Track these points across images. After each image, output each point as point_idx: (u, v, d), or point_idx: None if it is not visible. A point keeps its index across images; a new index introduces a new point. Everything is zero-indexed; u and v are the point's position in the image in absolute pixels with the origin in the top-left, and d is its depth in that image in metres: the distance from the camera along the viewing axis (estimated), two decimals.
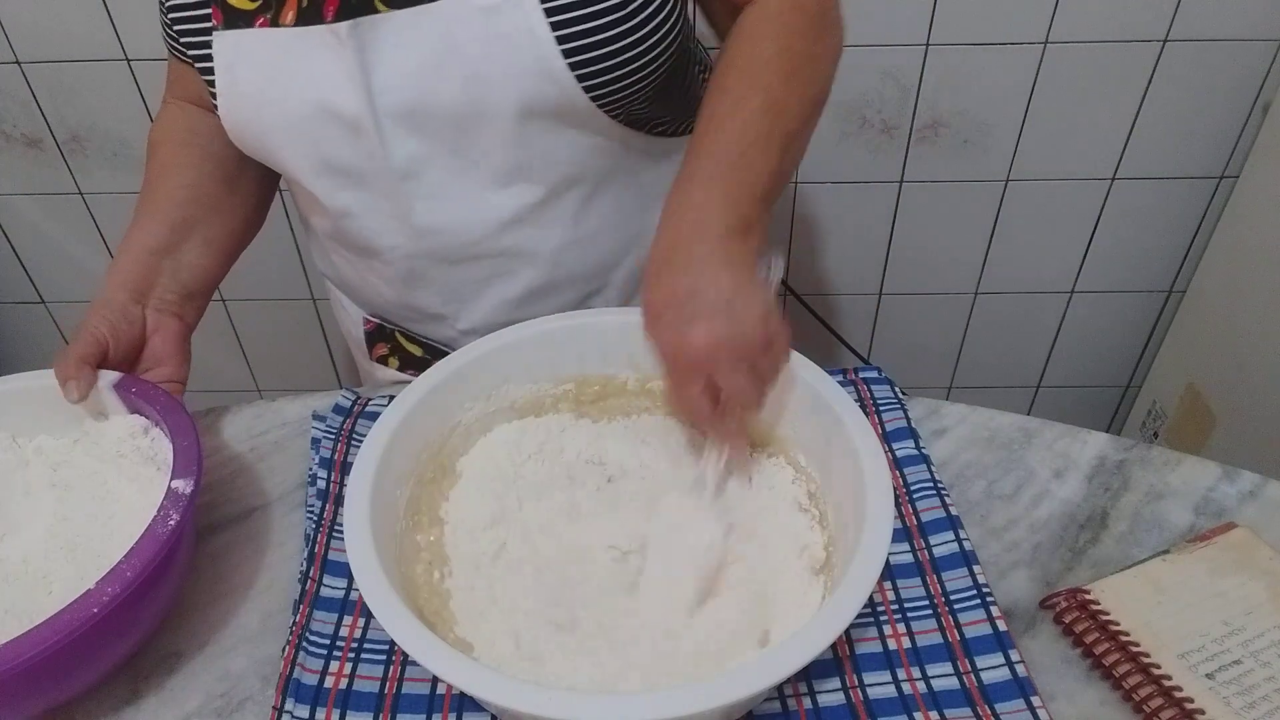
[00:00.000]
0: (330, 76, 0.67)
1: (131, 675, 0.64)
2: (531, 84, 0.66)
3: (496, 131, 0.68)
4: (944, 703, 0.59)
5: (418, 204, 0.73)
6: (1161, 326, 1.63)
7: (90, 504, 0.68)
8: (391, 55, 0.66)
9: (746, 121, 0.64)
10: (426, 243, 0.75)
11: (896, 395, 0.80)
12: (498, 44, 0.64)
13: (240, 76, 0.70)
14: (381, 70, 0.66)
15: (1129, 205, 1.48)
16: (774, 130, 0.64)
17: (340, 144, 0.70)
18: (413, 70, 0.66)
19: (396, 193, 0.72)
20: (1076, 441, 0.77)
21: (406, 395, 0.67)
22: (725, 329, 0.58)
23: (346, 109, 0.68)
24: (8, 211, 1.54)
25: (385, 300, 0.85)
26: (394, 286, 0.82)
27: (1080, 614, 0.63)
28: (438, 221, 0.74)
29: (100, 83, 1.37)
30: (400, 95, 0.67)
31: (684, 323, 0.59)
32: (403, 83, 0.66)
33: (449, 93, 0.66)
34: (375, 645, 0.64)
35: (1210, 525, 0.69)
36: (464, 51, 0.65)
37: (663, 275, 0.61)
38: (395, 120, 0.68)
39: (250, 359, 1.75)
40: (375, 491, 0.60)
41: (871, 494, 0.57)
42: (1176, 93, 1.35)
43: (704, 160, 0.63)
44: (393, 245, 0.77)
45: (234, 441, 0.82)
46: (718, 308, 0.58)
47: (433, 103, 0.67)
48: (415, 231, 0.75)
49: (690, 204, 0.62)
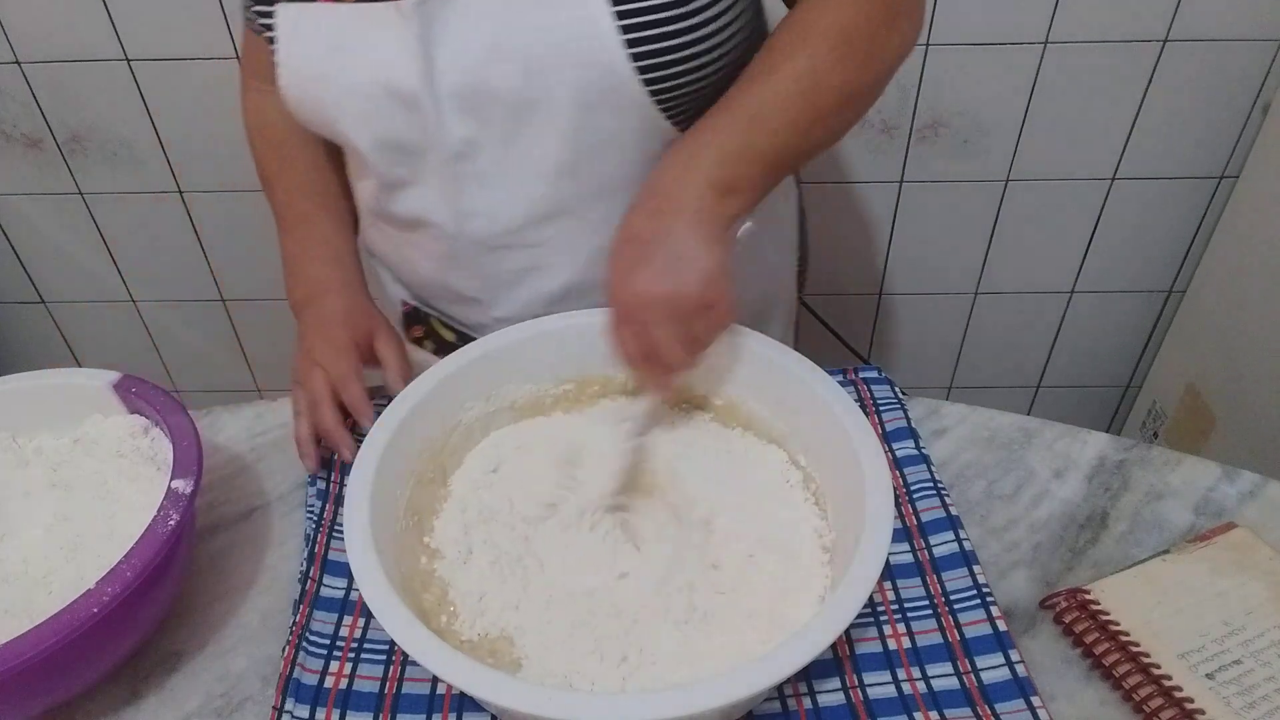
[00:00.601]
0: (391, 53, 0.66)
1: (131, 675, 0.64)
2: (590, 74, 0.65)
3: (551, 122, 0.68)
4: (944, 703, 0.59)
5: (466, 185, 0.73)
6: (1161, 326, 1.63)
7: (90, 504, 0.68)
8: (454, 36, 0.65)
9: (778, 83, 0.63)
10: (469, 225, 0.75)
11: (896, 395, 0.80)
12: (559, 30, 0.64)
13: (300, 50, 0.70)
14: (443, 50, 0.66)
15: (1129, 205, 1.48)
16: (804, 100, 0.63)
17: (397, 120, 0.70)
18: (474, 52, 0.65)
19: (448, 172, 0.72)
20: (1076, 441, 0.77)
21: (406, 395, 0.67)
22: (665, 283, 0.60)
23: (405, 86, 0.67)
24: (8, 211, 1.54)
25: (423, 278, 0.85)
26: (434, 264, 0.82)
27: (1080, 614, 0.63)
28: (483, 205, 0.74)
29: (100, 83, 1.37)
30: (460, 76, 0.66)
31: (631, 265, 0.62)
32: (463, 64, 0.66)
33: (508, 77, 0.65)
34: (375, 645, 0.64)
35: (1210, 525, 0.69)
36: (525, 36, 0.64)
37: (635, 212, 0.64)
38: (453, 101, 0.67)
39: (250, 359, 1.75)
40: (375, 491, 0.60)
41: (871, 494, 0.57)
42: (1176, 93, 1.35)
43: (719, 111, 0.64)
44: (438, 223, 0.77)
45: (234, 441, 0.82)
46: (665, 261, 0.60)
47: (491, 86, 0.66)
48: (460, 213, 0.75)
49: (686, 149, 0.63)
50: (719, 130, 0.63)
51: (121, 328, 1.68)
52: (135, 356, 1.72)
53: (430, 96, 0.67)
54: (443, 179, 0.73)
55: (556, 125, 0.68)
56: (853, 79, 0.65)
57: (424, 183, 0.74)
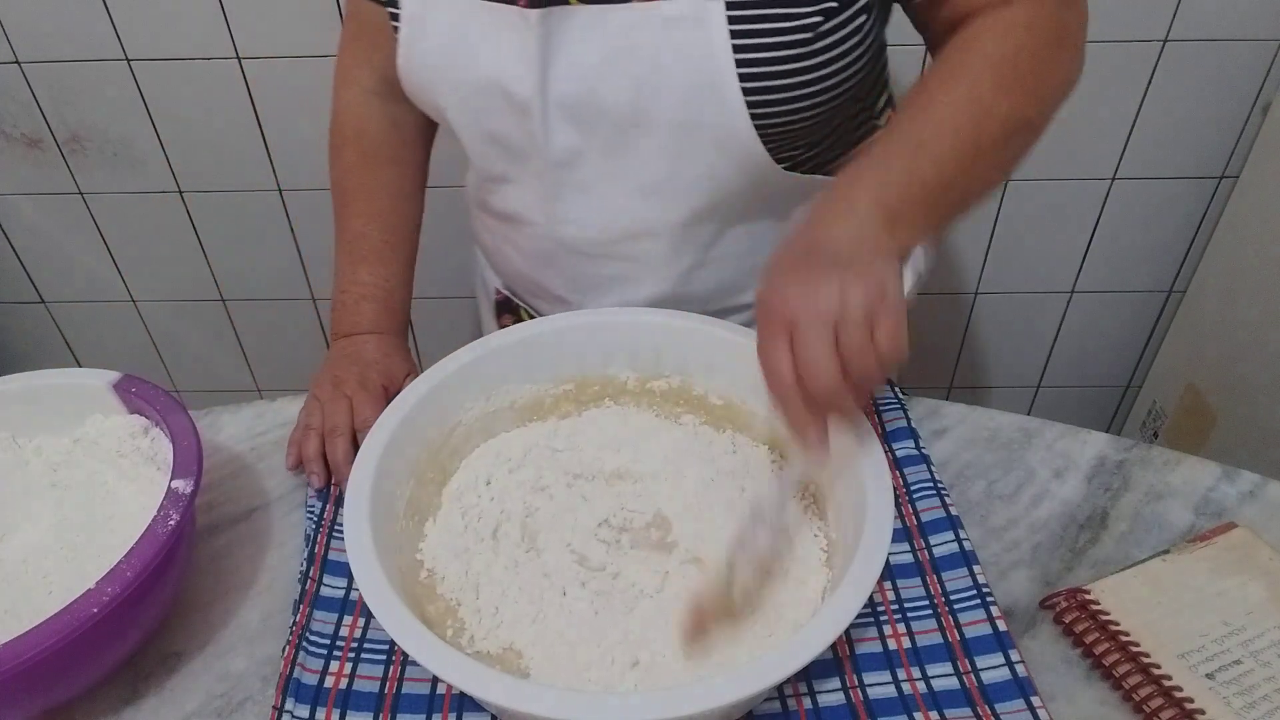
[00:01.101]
0: (509, 56, 0.67)
1: (131, 675, 0.64)
2: (698, 98, 0.65)
3: (653, 141, 0.68)
4: (944, 703, 0.59)
5: (564, 191, 0.73)
6: (1161, 326, 1.63)
7: (90, 504, 0.68)
8: (572, 48, 0.66)
9: (938, 111, 0.61)
10: (563, 230, 0.76)
11: (896, 395, 0.80)
12: (674, 54, 0.63)
13: (422, 32, 0.70)
14: (559, 61, 0.66)
15: (1129, 205, 1.48)
16: (966, 130, 0.60)
17: (505, 120, 0.70)
18: (589, 66, 0.66)
19: (548, 177, 0.73)
20: (1076, 441, 0.77)
21: (406, 395, 0.67)
22: (835, 282, 0.53)
23: (518, 91, 0.68)
24: (8, 211, 1.54)
25: (516, 271, 0.86)
26: (526, 260, 0.83)
27: (1080, 614, 0.63)
28: (577, 213, 0.74)
29: (100, 83, 1.37)
30: (571, 87, 0.67)
31: (788, 270, 0.56)
32: (576, 75, 0.66)
33: (618, 93, 0.66)
34: (375, 645, 0.64)
35: (1210, 525, 0.69)
36: (640, 56, 0.64)
37: (803, 226, 0.60)
38: (562, 110, 0.68)
39: (250, 359, 1.75)
40: (375, 491, 0.60)
41: (871, 494, 0.57)
42: (1176, 93, 1.35)
43: (882, 141, 0.62)
44: (533, 222, 0.77)
45: (234, 441, 0.82)
46: (835, 263, 0.54)
47: (601, 100, 0.67)
48: (555, 217, 0.75)
49: (848, 177, 0.60)
50: (879, 163, 0.60)
51: (121, 328, 1.69)
52: (135, 356, 1.72)
53: (540, 103, 0.67)
54: (542, 182, 0.73)
55: (658, 144, 0.68)
56: (1017, 109, 0.62)
57: (523, 183, 0.75)
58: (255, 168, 1.46)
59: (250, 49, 1.33)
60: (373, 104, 0.85)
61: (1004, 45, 0.62)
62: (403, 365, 0.82)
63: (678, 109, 0.66)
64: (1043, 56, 0.63)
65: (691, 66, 0.64)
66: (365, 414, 0.74)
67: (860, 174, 0.60)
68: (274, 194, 1.49)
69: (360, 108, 0.85)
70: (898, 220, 0.58)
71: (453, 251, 1.20)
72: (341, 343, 0.83)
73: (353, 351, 0.81)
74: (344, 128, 0.86)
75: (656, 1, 0.63)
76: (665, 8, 0.63)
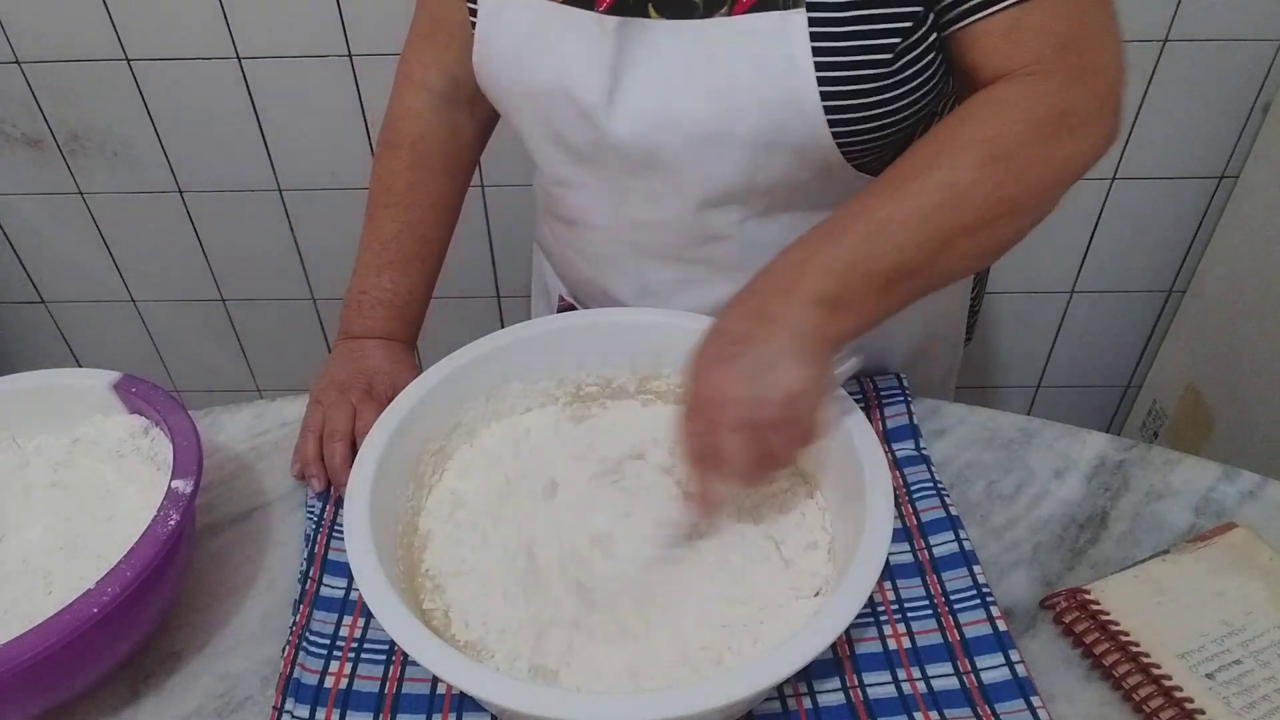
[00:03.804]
0: (581, 62, 0.66)
1: (131, 675, 0.64)
2: (778, 113, 0.63)
3: (728, 154, 0.66)
4: (944, 703, 0.59)
5: (631, 197, 0.73)
6: (1161, 326, 1.63)
7: (90, 504, 0.68)
8: (647, 60, 0.65)
9: (908, 196, 0.58)
10: (630, 234, 0.75)
11: (902, 386, 0.79)
12: (753, 67, 0.62)
13: (498, 30, 0.70)
14: (634, 71, 0.65)
15: (1129, 205, 1.48)
16: (937, 217, 0.58)
17: (573, 125, 0.70)
18: (662, 79, 0.65)
19: (615, 184, 0.72)
20: (1076, 441, 0.77)
21: (406, 395, 0.67)
22: (745, 387, 0.55)
23: (587, 98, 0.67)
24: (8, 211, 1.54)
25: (580, 276, 0.85)
26: (591, 265, 0.82)
27: (1080, 614, 0.63)
28: (646, 218, 0.74)
29: (100, 83, 1.37)
30: (644, 100, 0.66)
31: (715, 360, 0.57)
32: (649, 89, 0.65)
33: (693, 108, 0.65)
34: (375, 645, 0.64)
35: (1210, 525, 0.69)
36: (718, 70, 0.63)
37: (733, 307, 0.59)
38: (631, 121, 0.67)
39: (250, 359, 1.75)
40: (375, 491, 0.60)
41: (871, 494, 0.57)
42: (1176, 93, 1.35)
43: (841, 218, 0.59)
44: (598, 225, 0.77)
45: (234, 441, 0.82)
46: (752, 365, 0.56)
47: (674, 114, 0.65)
48: (623, 221, 0.75)
49: (796, 253, 0.59)
50: (833, 240, 0.58)
51: (121, 328, 1.69)
52: (135, 356, 1.72)
53: (607, 112, 0.67)
54: (611, 188, 0.73)
55: (734, 158, 0.67)
56: (1001, 197, 0.58)
57: (590, 187, 0.74)
58: (255, 168, 1.46)
59: (250, 49, 1.33)
60: (438, 110, 0.83)
61: (991, 126, 0.59)
62: (408, 376, 0.79)
63: (757, 123, 0.64)
64: (1037, 138, 0.59)
65: (772, 81, 0.62)
66: (368, 422, 0.73)
67: (809, 258, 0.58)
68: (274, 194, 1.49)
69: (423, 112, 0.83)
70: (840, 308, 0.57)
71: (455, 252, 1.20)
72: (348, 344, 0.82)
73: (359, 355, 0.80)
74: (402, 131, 0.84)
75: (736, 16, 0.62)
76: (746, 22, 0.62)
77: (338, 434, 0.73)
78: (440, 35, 0.81)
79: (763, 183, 0.68)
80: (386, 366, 0.80)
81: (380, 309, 0.82)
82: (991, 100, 0.60)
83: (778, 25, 0.61)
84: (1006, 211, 0.60)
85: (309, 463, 0.74)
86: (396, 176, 0.83)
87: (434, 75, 0.82)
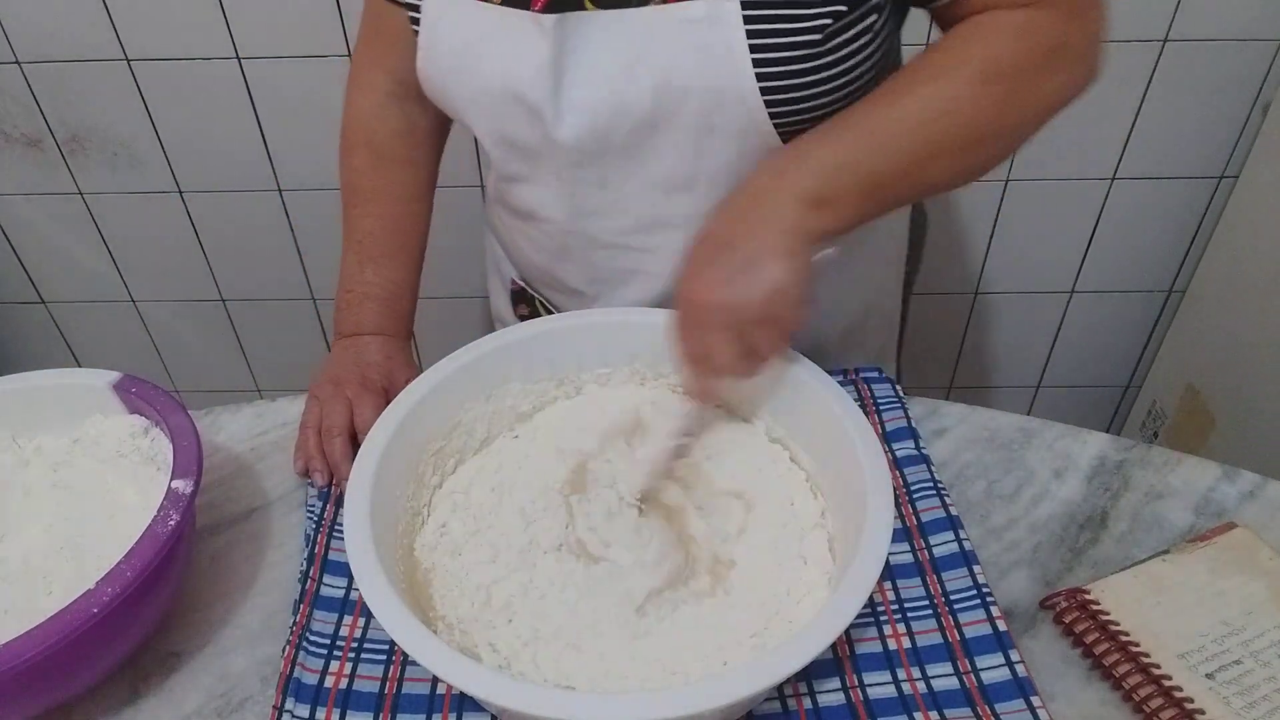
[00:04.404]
0: (523, 62, 0.67)
1: (131, 675, 0.64)
2: (719, 99, 0.65)
3: (673, 141, 0.68)
4: (944, 703, 0.59)
5: (582, 188, 0.74)
6: (1161, 326, 1.63)
7: (90, 504, 0.68)
8: (588, 53, 0.66)
9: (905, 105, 0.61)
10: (582, 224, 0.76)
11: (897, 394, 0.80)
12: (693, 55, 0.64)
13: (440, 37, 0.71)
14: (576, 65, 0.66)
15: (1129, 205, 1.48)
16: (930, 128, 0.60)
17: (520, 124, 0.71)
18: (604, 71, 0.66)
19: (566, 175, 0.73)
20: (1076, 441, 0.77)
21: (406, 395, 0.67)
22: (729, 289, 0.59)
23: (531, 96, 0.68)
24: (8, 211, 1.54)
25: (533, 266, 0.86)
26: (543, 255, 0.83)
27: (1080, 614, 0.63)
28: (595, 207, 0.75)
29: (100, 83, 1.37)
30: (587, 92, 0.67)
31: (702, 266, 0.61)
32: (593, 81, 0.66)
33: (637, 97, 0.66)
34: (375, 645, 0.64)
35: (1210, 525, 0.69)
36: (658, 59, 0.64)
37: (721, 211, 0.63)
38: (577, 115, 0.68)
39: (250, 359, 1.75)
40: (375, 491, 0.60)
41: (871, 494, 0.57)
42: (1176, 93, 1.35)
43: (832, 123, 0.62)
44: (550, 218, 0.78)
45: (234, 441, 0.82)
46: (735, 266, 0.59)
47: (618, 104, 0.67)
48: (574, 212, 0.76)
49: (785, 156, 0.62)
50: (824, 141, 0.61)
51: (121, 328, 1.69)
52: (135, 356, 1.72)
53: (553, 108, 0.68)
54: (559, 180, 0.74)
55: (677, 144, 0.68)
56: (992, 117, 0.61)
57: (540, 181, 0.75)
58: (255, 168, 1.46)
59: (250, 49, 1.33)
60: (388, 107, 0.84)
61: (992, 48, 0.61)
62: (404, 369, 0.81)
63: (698, 109, 0.66)
64: (1033, 65, 0.61)
65: (711, 67, 0.64)
66: (365, 415, 0.74)
67: (796, 158, 0.61)
68: (274, 194, 1.49)
69: (374, 110, 0.85)
70: (823, 207, 0.60)
71: (456, 252, 1.20)
72: (344, 342, 0.83)
73: (355, 352, 0.81)
74: (356, 131, 0.86)
75: (673, 4, 0.63)
76: (682, 10, 0.63)
77: (335, 429, 0.74)
78: (381, 42, 0.82)
79: (707, 169, 0.70)
80: (380, 360, 0.81)
81: (368, 303, 0.83)
82: (993, 25, 0.62)
83: (712, 11, 0.62)
84: (994, 133, 0.62)
85: (311, 458, 0.74)
86: (360, 176, 0.85)
87: (380, 77, 0.84)
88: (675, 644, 0.58)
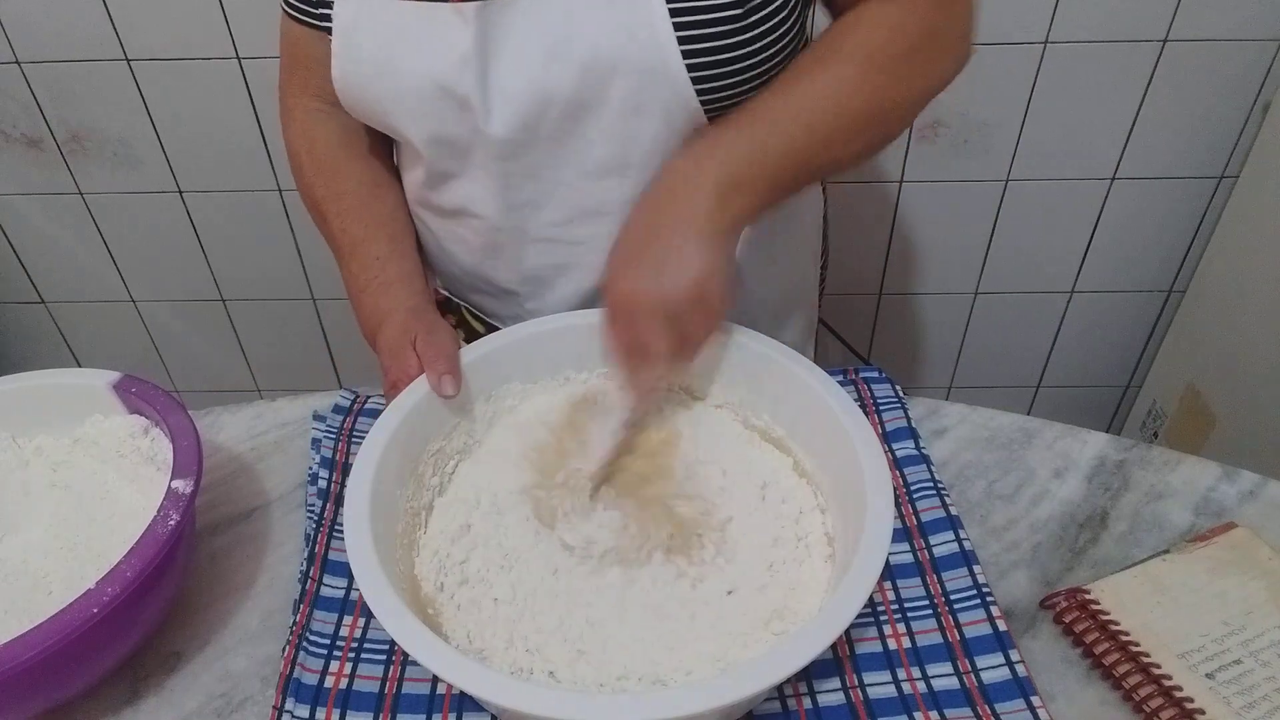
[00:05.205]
0: (447, 55, 0.67)
1: (131, 675, 0.64)
2: (645, 78, 0.66)
3: (601, 125, 0.69)
4: (944, 703, 0.59)
5: (513, 180, 0.74)
6: (1161, 326, 1.63)
7: (90, 504, 0.68)
8: (512, 40, 0.66)
9: (801, 92, 0.64)
10: (513, 217, 0.76)
11: (897, 394, 0.80)
12: (617, 35, 0.64)
13: (357, 42, 0.70)
14: (501, 53, 0.66)
15: (1129, 205, 1.48)
16: (824, 113, 0.64)
17: (448, 119, 0.70)
18: (530, 57, 0.66)
19: (496, 168, 0.73)
20: (1076, 441, 0.77)
21: (407, 395, 0.67)
22: (654, 281, 0.61)
23: (458, 88, 0.68)
24: (8, 211, 1.54)
25: (461, 270, 0.85)
26: (473, 255, 0.82)
27: (1080, 614, 0.63)
28: (528, 198, 0.75)
29: (100, 83, 1.37)
30: (515, 80, 0.67)
31: (625, 261, 0.63)
32: (519, 68, 0.66)
33: (563, 82, 0.66)
34: (375, 645, 0.64)
35: (1210, 525, 0.69)
36: (583, 41, 0.65)
37: (639, 207, 0.65)
38: (505, 103, 0.68)
39: (250, 359, 1.75)
40: (375, 491, 0.60)
41: (871, 494, 0.57)
42: (1176, 93, 1.35)
43: (738, 113, 0.65)
44: (481, 214, 0.77)
45: (234, 441, 0.82)
46: (657, 259, 0.61)
47: (546, 89, 0.67)
48: (505, 205, 0.75)
49: (697, 148, 0.64)
50: (732, 130, 0.64)
51: (121, 328, 1.69)
52: (135, 356, 1.72)
53: (482, 98, 0.68)
54: (490, 174, 0.73)
55: (606, 127, 0.69)
56: (878, 100, 0.66)
57: (471, 176, 0.75)
58: (255, 168, 1.46)
59: (250, 49, 1.33)
60: (319, 121, 0.83)
61: (874, 38, 0.65)
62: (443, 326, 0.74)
63: (624, 90, 0.66)
64: (914, 52, 0.66)
65: (635, 45, 0.64)
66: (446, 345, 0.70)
67: (708, 149, 0.64)
68: (274, 194, 1.49)
69: (307, 127, 0.83)
70: (736, 192, 0.63)
71: None
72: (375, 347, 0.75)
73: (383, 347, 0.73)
74: (297, 151, 0.84)
75: None
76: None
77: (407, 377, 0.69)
78: (301, 70, 0.82)
79: (638, 152, 0.70)
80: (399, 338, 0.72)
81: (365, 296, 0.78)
82: (871, 18, 0.66)
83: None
84: (880, 116, 0.67)
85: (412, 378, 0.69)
86: (312, 189, 0.83)
87: (306, 100, 0.83)
88: (675, 642, 0.58)
